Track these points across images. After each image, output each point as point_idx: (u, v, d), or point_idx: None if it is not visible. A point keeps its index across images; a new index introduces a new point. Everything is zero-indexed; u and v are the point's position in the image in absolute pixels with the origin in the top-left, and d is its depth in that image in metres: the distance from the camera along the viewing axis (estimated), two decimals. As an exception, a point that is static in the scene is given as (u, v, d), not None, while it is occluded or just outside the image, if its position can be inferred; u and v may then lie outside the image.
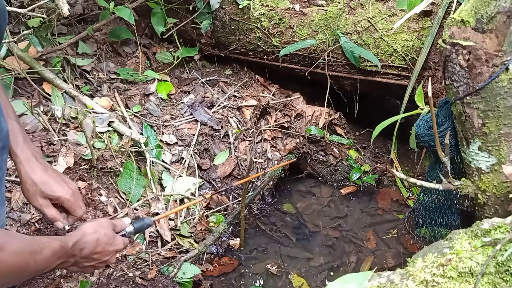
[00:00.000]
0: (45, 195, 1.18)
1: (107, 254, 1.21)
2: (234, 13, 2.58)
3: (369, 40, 2.28)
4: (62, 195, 1.20)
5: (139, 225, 1.32)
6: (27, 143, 1.19)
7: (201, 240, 1.98)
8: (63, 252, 1.06)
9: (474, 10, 1.40)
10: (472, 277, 0.98)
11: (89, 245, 1.15)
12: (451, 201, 1.82)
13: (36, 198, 1.18)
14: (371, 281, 1.04)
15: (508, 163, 1.45)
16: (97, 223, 1.21)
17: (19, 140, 1.17)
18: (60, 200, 1.21)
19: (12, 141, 1.15)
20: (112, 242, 1.22)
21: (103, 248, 1.19)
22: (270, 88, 2.76)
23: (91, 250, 1.16)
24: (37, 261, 0.97)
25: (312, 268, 1.97)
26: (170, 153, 2.24)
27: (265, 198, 2.33)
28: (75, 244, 1.11)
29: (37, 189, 1.17)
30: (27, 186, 1.17)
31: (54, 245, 1.02)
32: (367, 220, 2.24)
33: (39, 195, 1.18)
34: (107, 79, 2.42)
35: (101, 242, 1.18)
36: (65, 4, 1.81)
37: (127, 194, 1.97)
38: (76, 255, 1.12)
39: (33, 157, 1.19)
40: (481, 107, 1.43)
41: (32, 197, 1.18)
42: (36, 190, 1.17)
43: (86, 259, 1.16)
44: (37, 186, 1.17)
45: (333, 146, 2.48)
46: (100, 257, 1.19)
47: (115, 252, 1.24)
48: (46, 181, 1.18)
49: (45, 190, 1.18)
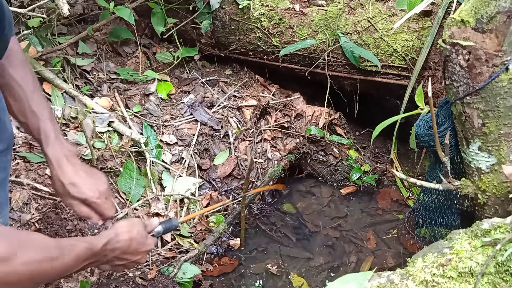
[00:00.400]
0: (73, 196, 1.19)
1: (139, 254, 1.20)
2: (234, 13, 2.58)
3: (369, 40, 2.28)
4: (88, 198, 1.20)
5: (167, 225, 1.33)
6: (59, 142, 1.19)
7: (201, 240, 1.98)
8: (90, 254, 1.04)
9: (474, 10, 1.40)
10: (472, 277, 0.98)
11: (121, 245, 1.14)
12: (451, 201, 1.82)
13: (66, 198, 1.20)
14: (371, 281, 1.04)
15: (508, 163, 1.45)
16: (130, 222, 1.20)
17: (50, 140, 1.17)
18: (88, 202, 1.21)
19: (44, 141, 1.16)
20: (145, 242, 1.21)
21: (135, 248, 1.18)
22: (270, 88, 2.76)
23: (124, 250, 1.15)
24: (55, 267, 0.94)
25: (312, 268, 1.97)
26: (170, 153, 2.24)
27: (265, 198, 2.33)
28: (106, 245, 1.09)
29: (65, 190, 1.18)
30: (55, 187, 1.19)
31: (78, 249, 1.00)
32: (367, 220, 2.24)
33: (68, 196, 1.19)
34: (107, 79, 2.42)
35: (134, 242, 1.17)
36: (65, 4, 1.81)
37: (127, 194, 1.97)
38: (107, 255, 1.11)
39: (64, 157, 1.19)
40: (481, 107, 1.43)
41: (63, 197, 1.20)
42: (65, 191, 1.18)
43: (118, 259, 1.15)
44: (65, 187, 1.18)
45: (333, 146, 2.48)
46: (131, 257, 1.18)
47: (146, 252, 1.23)
48: (74, 183, 1.19)
49: (73, 192, 1.19)
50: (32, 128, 1.16)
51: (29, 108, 1.14)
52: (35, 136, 1.17)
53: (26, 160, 1.84)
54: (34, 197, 1.76)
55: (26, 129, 1.17)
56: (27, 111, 1.14)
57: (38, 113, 1.16)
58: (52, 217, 1.73)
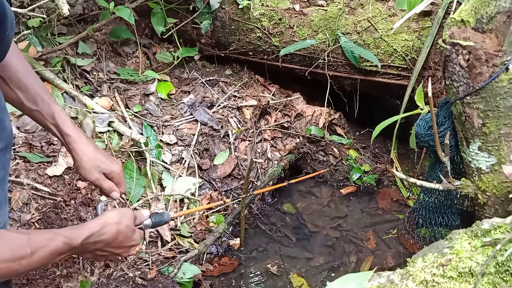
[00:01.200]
0: (101, 169, 1.25)
1: (123, 248, 1.17)
2: (234, 13, 2.58)
3: (369, 40, 2.28)
4: (115, 170, 1.28)
5: (157, 219, 1.30)
6: (74, 123, 1.25)
7: (201, 240, 1.98)
8: (68, 249, 1.02)
9: (474, 10, 1.40)
10: (472, 277, 0.98)
11: (106, 238, 1.11)
12: (451, 201, 1.82)
13: (93, 173, 1.24)
14: (371, 281, 1.04)
15: (508, 163, 1.45)
16: (120, 213, 1.17)
17: (67, 121, 1.21)
18: (113, 175, 1.28)
19: (61, 123, 1.20)
20: (131, 237, 1.18)
21: (120, 242, 1.15)
22: (270, 88, 2.76)
23: (108, 242, 1.12)
24: (25, 265, 0.92)
25: (312, 268, 1.97)
26: (170, 153, 2.24)
27: (265, 198, 2.33)
28: (88, 238, 1.06)
29: (93, 164, 1.24)
30: (82, 163, 1.23)
31: (55, 244, 0.98)
32: (367, 220, 2.24)
33: (96, 169, 1.24)
34: (107, 79, 2.42)
35: (120, 236, 1.14)
36: (65, 4, 1.81)
37: (127, 194, 1.97)
38: (88, 247, 1.08)
39: (84, 136, 1.25)
40: (481, 107, 1.43)
41: (89, 173, 1.24)
42: (92, 166, 1.24)
43: (101, 250, 1.13)
44: (93, 162, 1.24)
45: (333, 146, 2.48)
46: (115, 250, 1.16)
47: (131, 247, 1.21)
48: (100, 157, 1.25)
49: (102, 165, 1.25)
50: (45, 114, 1.18)
51: (39, 96, 1.17)
52: (49, 121, 1.19)
53: (26, 160, 1.84)
54: (34, 197, 1.76)
55: (38, 116, 1.19)
56: (37, 98, 1.17)
57: (48, 99, 1.19)
58: (52, 217, 1.73)
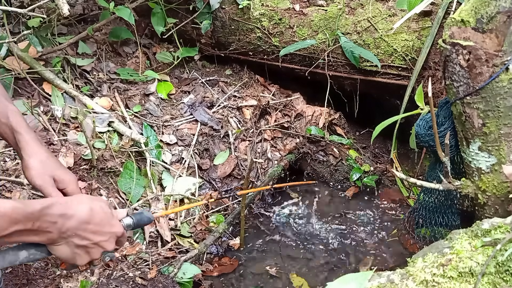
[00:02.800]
0: (52, 175, 1.12)
1: (104, 234, 1.00)
2: (234, 13, 2.58)
3: (369, 40, 2.28)
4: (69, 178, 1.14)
5: (138, 218, 1.13)
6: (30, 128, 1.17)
7: (201, 240, 1.98)
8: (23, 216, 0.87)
9: (474, 10, 1.40)
10: (472, 277, 0.98)
11: (79, 213, 0.96)
12: (451, 201, 1.82)
13: (42, 177, 1.11)
14: (371, 281, 1.04)
15: (508, 163, 1.45)
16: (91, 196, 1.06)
17: (22, 122, 1.14)
18: (65, 184, 1.13)
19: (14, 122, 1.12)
20: (110, 221, 1.02)
21: (99, 223, 0.99)
22: (270, 88, 2.76)
23: (84, 219, 0.96)
24: None
25: (312, 268, 1.97)
26: (170, 153, 2.24)
27: (265, 198, 2.33)
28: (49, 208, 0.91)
29: (43, 167, 1.11)
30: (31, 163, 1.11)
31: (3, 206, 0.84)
32: (367, 220, 2.24)
33: (46, 174, 1.11)
34: (107, 79, 2.42)
35: (96, 215, 0.98)
36: (65, 4, 1.81)
37: (127, 194, 1.97)
38: (57, 222, 0.92)
39: (38, 140, 1.16)
40: (481, 107, 1.43)
41: (37, 176, 1.11)
42: (42, 168, 1.11)
43: (77, 236, 0.96)
44: (44, 164, 1.11)
45: (333, 146, 2.47)
46: (94, 236, 0.99)
47: (114, 235, 1.03)
48: (53, 163, 1.14)
49: (54, 170, 1.12)
50: None
51: None
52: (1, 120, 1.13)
53: (26, 160, 1.84)
54: (34, 197, 1.76)
55: None
56: None
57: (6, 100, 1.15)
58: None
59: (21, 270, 1.57)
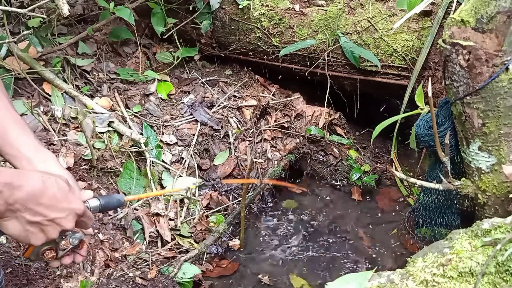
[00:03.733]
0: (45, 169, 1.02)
1: (60, 210, 0.92)
2: (234, 13, 2.58)
3: (369, 40, 2.28)
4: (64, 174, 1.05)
5: (106, 200, 1.06)
6: None
7: (201, 240, 1.98)
8: None
9: (474, 10, 1.40)
10: (472, 277, 0.98)
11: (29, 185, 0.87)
12: (451, 201, 1.82)
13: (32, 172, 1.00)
14: (371, 281, 1.04)
15: (508, 163, 1.45)
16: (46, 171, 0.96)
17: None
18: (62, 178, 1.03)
19: None
20: (68, 197, 0.94)
21: (53, 199, 0.90)
22: (270, 88, 2.76)
23: (34, 192, 0.87)
24: None
25: (312, 269, 1.97)
26: (170, 153, 2.24)
27: (265, 198, 2.33)
28: None
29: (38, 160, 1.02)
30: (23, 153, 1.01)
31: None
32: (367, 220, 2.24)
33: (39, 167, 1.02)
34: (107, 79, 2.42)
35: (50, 189, 0.90)
36: (65, 4, 1.81)
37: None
38: (2, 191, 0.83)
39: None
40: (481, 107, 1.43)
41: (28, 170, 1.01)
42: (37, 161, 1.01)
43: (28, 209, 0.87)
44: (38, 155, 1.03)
45: (333, 146, 2.47)
46: (48, 211, 0.90)
47: (72, 212, 0.95)
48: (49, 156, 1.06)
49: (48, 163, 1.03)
50: None
51: None
52: None
53: (26, 160, 1.84)
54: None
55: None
56: None
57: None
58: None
59: (21, 270, 1.57)
